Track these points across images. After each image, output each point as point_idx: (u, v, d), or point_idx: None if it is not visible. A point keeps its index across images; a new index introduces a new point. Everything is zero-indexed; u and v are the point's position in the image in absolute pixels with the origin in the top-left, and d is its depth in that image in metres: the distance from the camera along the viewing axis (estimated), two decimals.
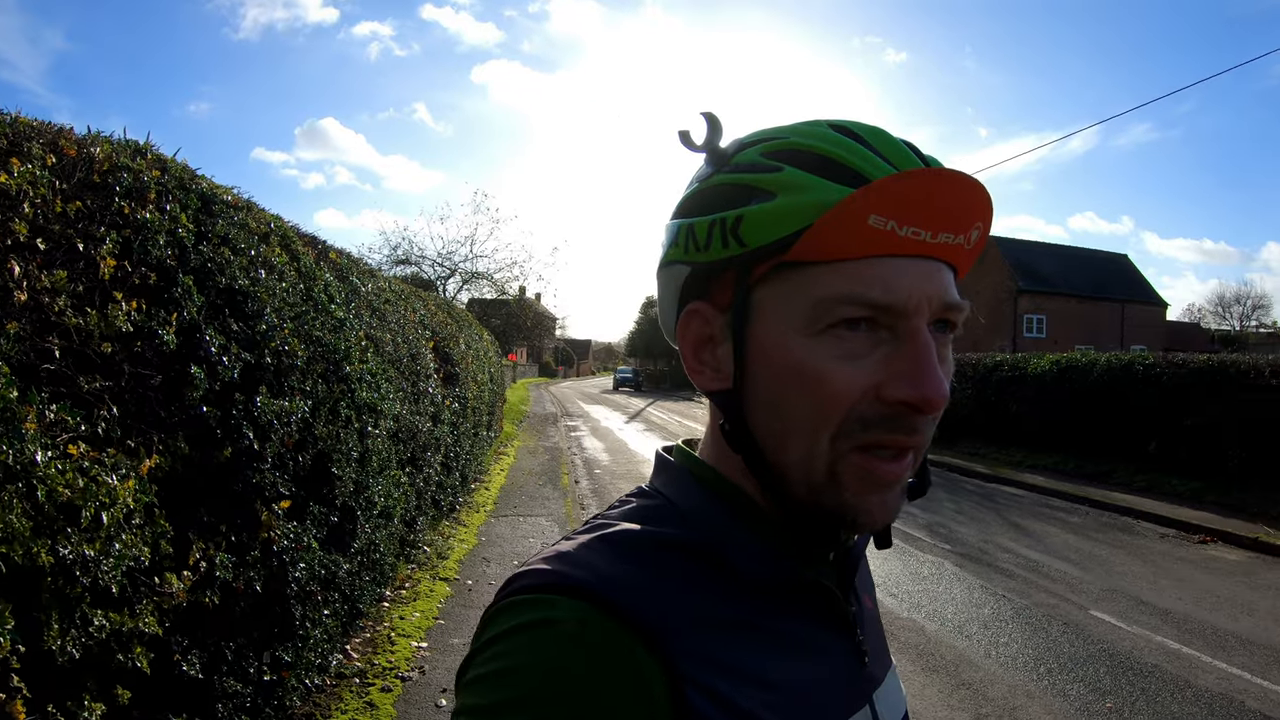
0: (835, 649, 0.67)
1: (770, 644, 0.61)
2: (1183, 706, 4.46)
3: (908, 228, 0.56)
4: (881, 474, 0.58)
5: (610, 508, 0.69)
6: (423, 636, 5.05)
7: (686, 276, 0.65)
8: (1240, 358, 11.96)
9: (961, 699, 4.53)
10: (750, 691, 0.57)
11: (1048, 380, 15.04)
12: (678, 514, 0.65)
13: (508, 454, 14.53)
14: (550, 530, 8.40)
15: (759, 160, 0.61)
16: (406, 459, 5.92)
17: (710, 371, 0.65)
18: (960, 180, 0.56)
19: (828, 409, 0.57)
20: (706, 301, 0.64)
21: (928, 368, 0.57)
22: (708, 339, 0.65)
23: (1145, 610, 6.24)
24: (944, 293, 0.59)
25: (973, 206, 0.58)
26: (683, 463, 0.70)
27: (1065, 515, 10.29)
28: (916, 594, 6.49)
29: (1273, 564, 7.93)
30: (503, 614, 0.56)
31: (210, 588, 2.69)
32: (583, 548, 0.60)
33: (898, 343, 0.57)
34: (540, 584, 0.56)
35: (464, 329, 10.61)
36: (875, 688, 0.70)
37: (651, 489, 0.71)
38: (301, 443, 3.60)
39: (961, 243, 0.59)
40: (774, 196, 0.58)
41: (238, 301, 3.11)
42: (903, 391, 0.56)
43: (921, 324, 0.58)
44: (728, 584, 0.61)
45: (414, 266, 27.07)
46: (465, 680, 0.55)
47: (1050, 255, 42.28)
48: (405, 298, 7.19)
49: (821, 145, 0.59)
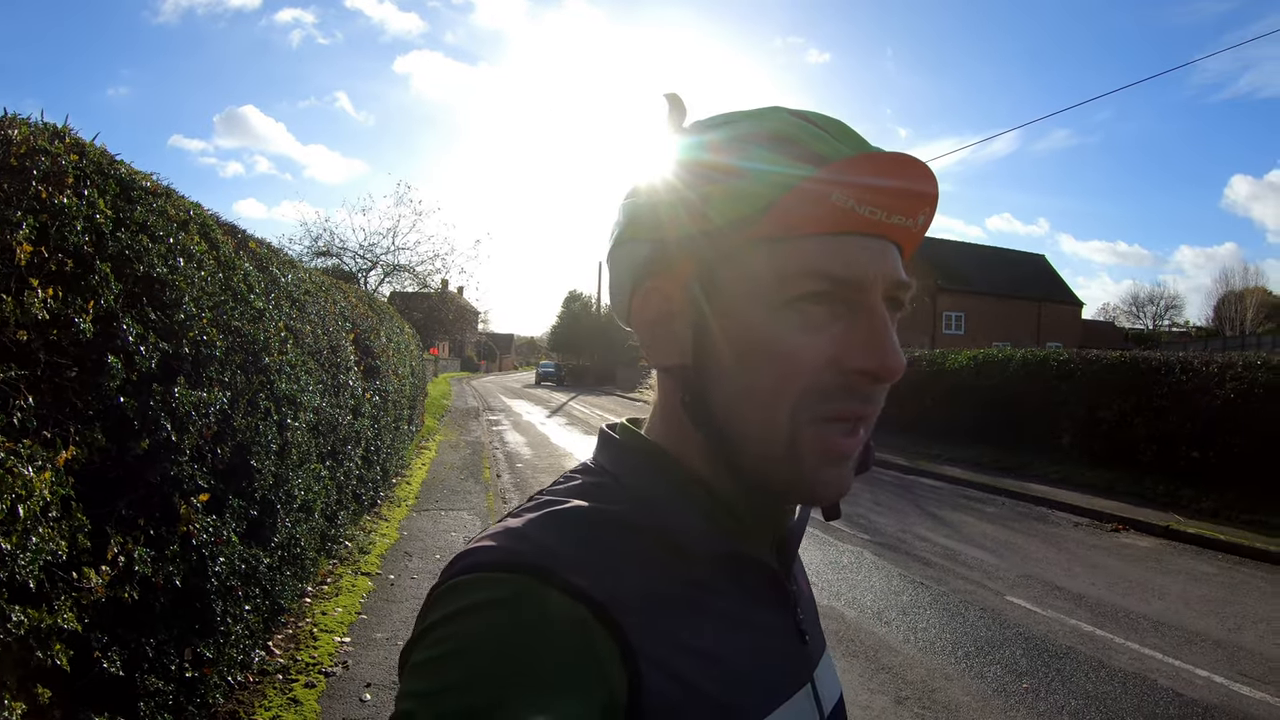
0: (778, 627, 0.68)
1: (717, 620, 0.62)
2: (1097, 686, 4.67)
3: (866, 207, 0.58)
4: (837, 448, 0.60)
5: (555, 484, 0.69)
6: (345, 631, 4.98)
7: (647, 254, 0.66)
8: (1153, 355, 12.47)
9: (881, 682, 4.68)
10: (701, 666, 0.58)
11: (965, 375, 15.49)
12: (624, 490, 0.66)
13: (429, 448, 14.34)
14: (472, 524, 8.34)
15: (725, 141, 0.62)
16: (327, 452, 5.82)
17: (667, 347, 0.66)
18: (915, 165, 0.59)
19: (790, 380, 0.59)
20: (666, 278, 0.65)
21: (885, 338, 0.59)
22: (667, 315, 0.65)
23: (1060, 595, 6.49)
24: (895, 271, 0.61)
25: (924, 191, 0.60)
26: (629, 440, 0.71)
27: (982, 506, 10.65)
28: (836, 582, 6.65)
29: (1182, 550, 8.33)
30: (449, 594, 0.55)
31: (129, 583, 2.63)
32: (530, 524, 0.60)
33: (855, 316, 0.60)
34: (487, 562, 0.56)
35: (385, 322, 10.43)
36: (814, 666, 0.72)
37: (596, 466, 0.71)
38: (220, 435, 3.52)
39: (911, 225, 0.61)
40: (741, 175, 0.60)
41: (156, 290, 3.03)
42: (862, 361, 0.59)
43: (877, 298, 0.60)
44: (674, 560, 0.61)
45: (335, 258, 26.42)
46: (411, 663, 0.53)
47: (970, 255, 43.77)
48: (326, 289, 7.05)
49: (783, 128, 0.61)
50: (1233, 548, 8.24)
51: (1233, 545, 8.26)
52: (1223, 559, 7.97)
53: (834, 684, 0.75)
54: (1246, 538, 8.44)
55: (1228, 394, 10.42)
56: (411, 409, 12.49)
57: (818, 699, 0.70)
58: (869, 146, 0.63)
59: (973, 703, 4.41)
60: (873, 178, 0.58)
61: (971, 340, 35.69)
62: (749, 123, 0.63)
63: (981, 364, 15.34)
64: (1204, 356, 11.60)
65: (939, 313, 39.23)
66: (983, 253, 45.39)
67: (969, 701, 4.42)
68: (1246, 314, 63.54)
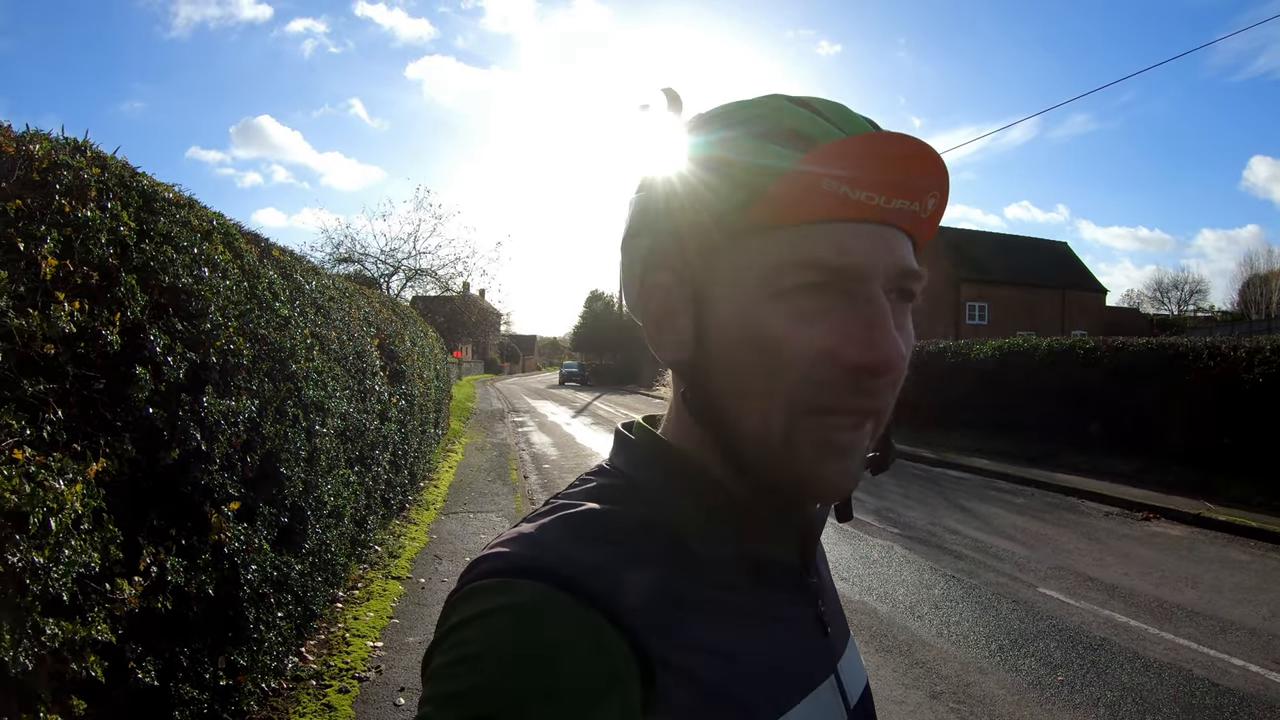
0: (799, 620, 0.68)
1: (736, 618, 0.61)
2: (1132, 677, 4.61)
3: (860, 191, 0.56)
4: (838, 442, 0.59)
5: (570, 487, 0.69)
6: (378, 636, 5.00)
7: (649, 249, 0.66)
8: (1179, 340, 12.30)
9: (916, 678, 4.63)
10: (719, 666, 0.57)
11: (990, 366, 15.31)
12: (638, 492, 0.65)
13: (455, 451, 14.40)
14: (501, 526, 8.34)
15: (716, 132, 0.62)
16: (355, 457, 5.84)
17: (671, 342, 0.65)
18: (909, 144, 0.56)
19: (783, 372, 0.58)
20: (667, 272, 0.64)
21: (881, 330, 0.57)
22: (669, 309, 0.65)
23: (1092, 586, 6.42)
24: (901, 259, 0.59)
25: (926, 173, 0.58)
26: (643, 440, 0.70)
27: (1011, 497, 10.54)
28: (867, 577, 6.60)
29: (1214, 538, 8.21)
30: (465, 600, 0.55)
31: (162, 593, 2.64)
32: (544, 529, 0.60)
33: (852, 307, 0.58)
34: (502, 568, 0.56)
35: (409, 326, 10.47)
36: (838, 658, 0.71)
37: (611, 467, 0.71)
38: (249, 443, 3.54)
39: (917, 210, 0.59)
40: (731, 165, 0.59)
41: (181, 300, 3.04)
42: (856, 355, 0.57)
43: (876, 288, 0.58)
44: (691, 561, 0.61)
45: (357, 264, 26.70)
46: (430, 669, 0.54)
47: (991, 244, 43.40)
48: (349, 295, 7.08)
49: (777, 116, 0.60)
50: (1266, 534, 8.10)
51: (1266, 532, 8.13)
52: (1256, 546, 7.85)
53: (859, 674, 0.75)
54: (1279, 524, 8.30)
55: (1256, 378, 10.23)
56: (437, 412, 12.54)
57: (842, 690, 0.70)
58: (867, 129, 0.60)
59: (1008, 696, 4.35)
60: (864, 162, 0.56)
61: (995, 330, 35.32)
62: (743, 112, 0.62)
63: (1006, 354, 15.17)
64: (1231, 341, 11.39)
65: (962, 303, 38.88)
66: (1004, 241, 44.94)
67: (1004, 695, 4.37)
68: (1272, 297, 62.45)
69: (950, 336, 27.95)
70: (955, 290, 38.57)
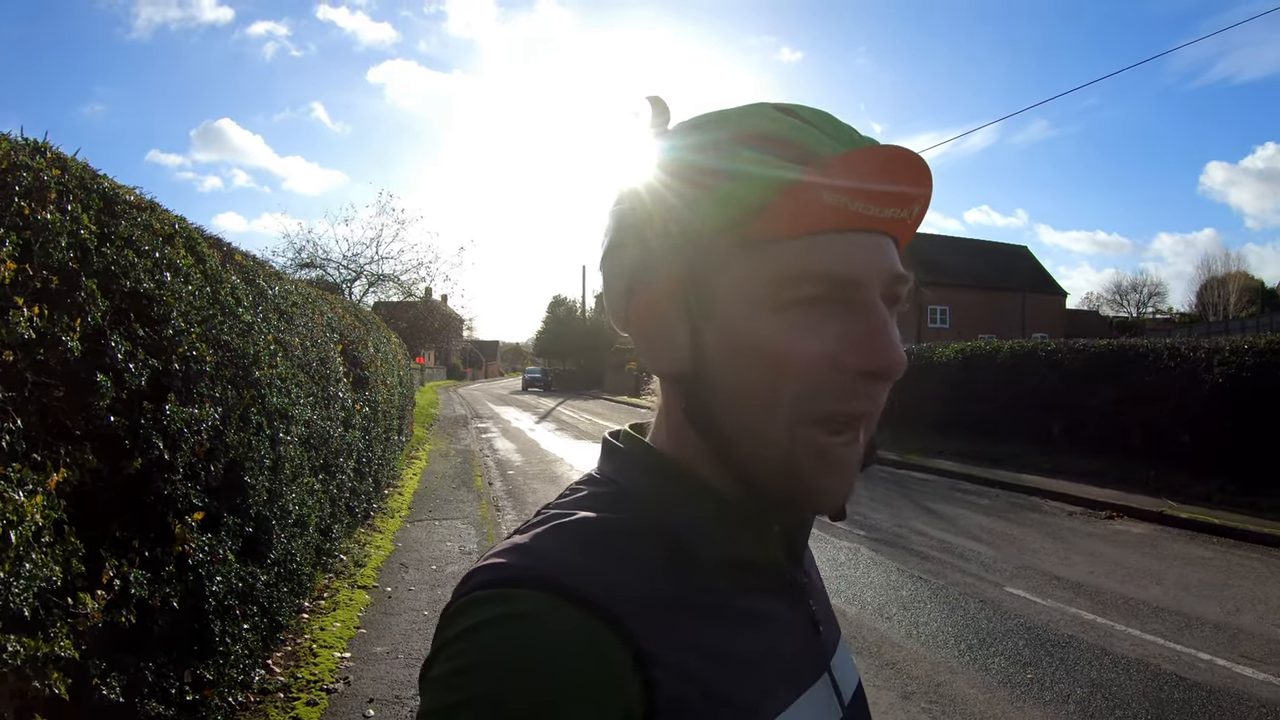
0: (791, 620, 0.68)
1: (731, 620, 0.61)
2: (1101, 673, 4.68)
3: (859, 203, 0.57)
4: (837, 456, 0.60)
5: (560, 497, 0.68)
6: (345, 647, 4.91)
7: (639, 262, 0.65)
8: (1139, 342, 12.58)
9: (887, 679, 4.66)
10: (717, 668, 0.57)
11: (953, 369, 15.52)
12: (631, 499, 0.65)
13: (419, 458, 14.25)
14: (467, 533, 8.28)
15: (711, 144, 0.61)
16: (319, 465, 5.75)
17: (666, 354, 0.64)
18: (908, 157, 0.58)
19: (791, 382, 0.58)
20: (660, 285, 0.64)
21: (885, 336, 0.58)
22: (662, 323, 0.64)
23: (1059, 584, 6.52)
24: (893, 265, 0.60)
25: (918, 183, 0.59)
26: (632, 448, 0.70)
27: (975, 498, 10.69)
28: (835, 580, 6.63)
29: (1177, 535, 8.39)
30: (462, 612, 0.55)
31: (126, 606, 2.57)
32: (538, 538, 0.59)
33: (854, 315, 0.59)
34: (499, 578, 0.55)
35: (372, 332, 10.35)
36: (831, 656, 0.72)
37: (601, 476, 0.70)
38: (213, 451, 3.46)
39: (905, 217, 0.61)
40: (731, 178, 0.59)
41: (143, 306, 2.97)
42: (862, 360, 0.58)
43: (875, 295, 0.59)
44: (685, 565, 0.61)
45: (319, 269, 26.27)
46: (428, 680, 0.53)
47: (953, 248, 44.00)
48: (312, 301, 6.98)
49: (771, 127, 0.60)
50: (1227, 531, 8.28)
51: (1227, 529, 8.31)
52: (1218, 542, 8.02)
53: (851, 672, 0.75)
54: (1240, 520, 8.50)
55: (1216, 378, 10.47)
56: (401, 419, 12.42)
57: (836, 688, 0.70)
58: (860, 140, 0.61)
59: (978, 695, 4.40)
60: (866, 174, 0.57)
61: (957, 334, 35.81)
62: (734, 122, 0.62)
63: (969, 357, 15.39)
64: (1191, 342, 11.63)
65: (923, 307, 39.35)
66: (965, 246, 45.62)
67: (974, 694, 4.41)
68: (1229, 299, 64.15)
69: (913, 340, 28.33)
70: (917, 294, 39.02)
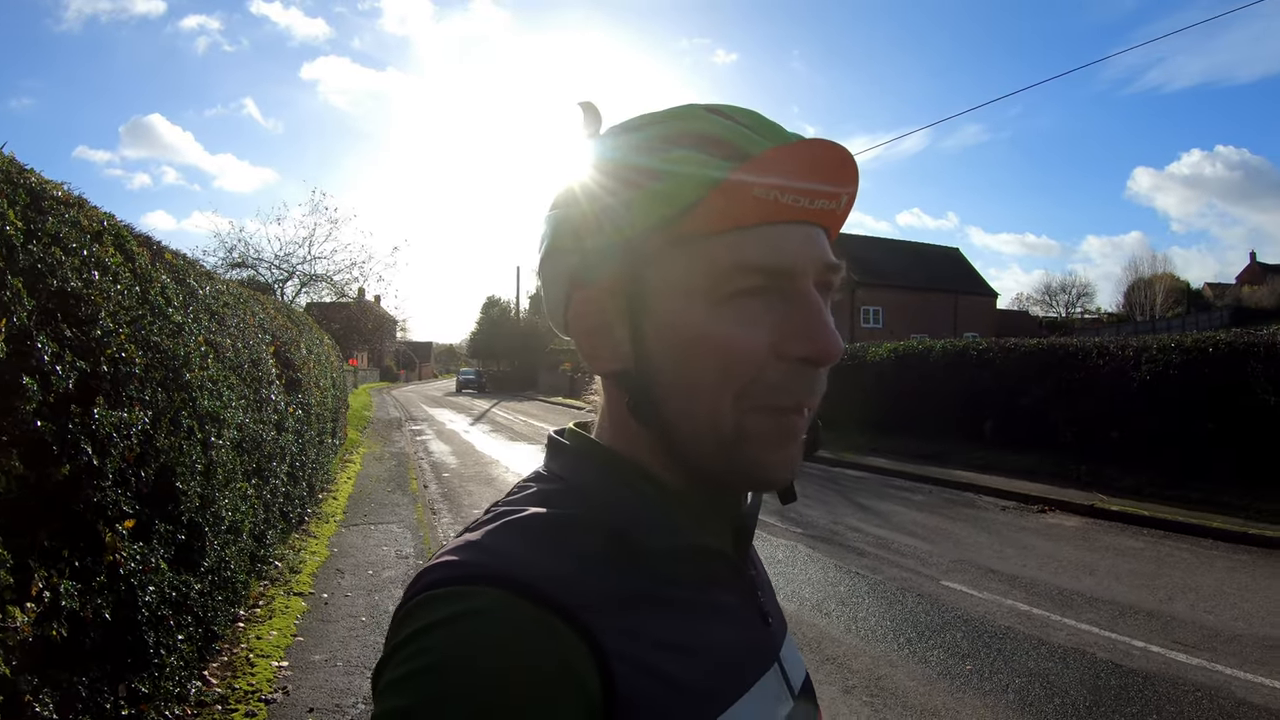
0: (740, 612, 0.69)
1: (685, 612, 0.62)
2: (1038, 662, 4.83)
3: (790, 196, 0.59)
4: (784, 428, 0.62)
5: (509, 495, 0.69)
6: (282, 655, 4.78)
7: (576, 265, 0.66)
8: (1069, 341, 13.03)
9: (828, 673, 4.73)
10: (671, 659, 0.58)
11: (887, 368, 15.86)
12: (579, 494, 0.66)
13: (354, 461, 13.94)
14: (403, 537, 8.15)
15: (643, 145, 0.62)
16: (252, 470, 5.59)
17: (607, 354, 0.66)
18: (833, 150, 0.60)
19: (734, 373, 0.60)
20: (598, 286, 0.65)
21: (821, 323, 0.61)
22: (602, 323, 0.65)
23: (994, 578, 6.70)
24: (825, 254, 0.63)
25: (845, 174, 0.62)
26: (578, 445, 0.71)
27: (910, 494, 10.94)
28: (774, 577, 6.65)
29: (1108, 528, 8.71)
30: (417, 611, 0.54)
31: (57, 619, 2.46)
32: (489, 535, 0.60)
33: (789, 304, 0.61)
34: (451, 576, 0.55)
35: (305, 333, 10.10)
36: (779, 647, 0.73)
37: (549, 472, 0.71)
38: (143, 456, 3.34)
39: (834, 207, 0.63)
40: (662, 178, 0.60)
41: (71, 305, 2.85)
42: (800, 348, 0.60)
43: (809, 284, 0.62)
44: (636, 559, 0.61)
45: (251, 269, 25.49)
46: (384, 683, 0.52)
47: (886, 249, 44.84)
48: (244, 301, 6.78)
49: (701, 126, 0.62)
50: (1157, 522, 8.64)
51: (1157, 520, 8.67)
52: (1148, 534, 8.35)
53: (799, 664, 0.76)
54: (1169, 512, 8.87)
55: (1143, 376, 10.93)
56: (334, 422, 12.16)
57: (786, 678, 0.71)
58: (787, 136, 0.63)
59: (919, 687, 4.51)
60: (793, 168, 0.59)
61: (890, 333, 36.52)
62: (665, 123, 0.63)
63: (902, 356, 15.74)
64: (1120, 341, 12.11)
65: (857, 307, 40.07)
66: (898, 247, 46.53)
67: (915, 686, 4.52)
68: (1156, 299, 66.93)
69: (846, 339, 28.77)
70: (850, 294, 39.70)
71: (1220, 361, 10.09)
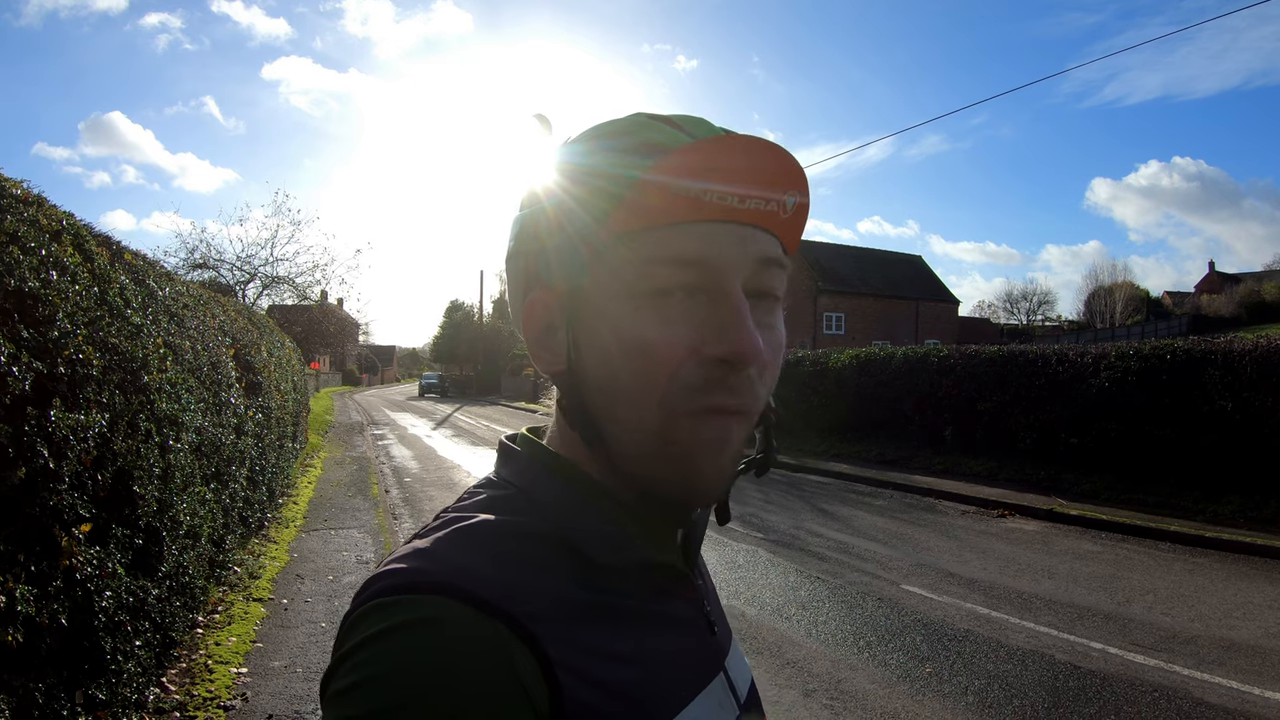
0: (687, 621, 0.69)
1: (630, 622, 0.62)
2: (997, 665, 4.88)
3: (713, 194, 0.58)
4: (714, 436, 0.61)
5: (460, 501, 0.68)
6: (241, 662, 4.72)
7: (527, 266, 0.68)
8: (1029, 348, 13.15)
9: (788, 677, 4.76)
10: (618, 669, 0.58)
11: (848, 374, 15.95)
12: (529, 502, 0.66)
13: (314, 466, 13.77)
14: (364, 542, 8.07)
15: (579, 152, 0.64)
16: (211, 474, 5.52)
17: (549, 355, 0.67)
18: (757, 145, 0.58)
19: (653, 375, 0.59)
20: (545, 289, 0.66)
21: (738, 322, 0.59)
22: (549, 324, 0.66)
23: (954, 581, 6.78)
24: (759, 252, 0.61)
25: (779, 172, 0.60)
26: (529, 451, 0.71)
27: (870, 499, 11.02)
28: (734, 582, 6.73)
29: (1067, 531, 8.85)
30: (363, 620, 0.54)
31: (12, 624, 2.43)
32: (438, 542, 0.59)
33: (712, 305, 0.60)
34: (399, 584, 0.55)
35: (266, 336, 9.98)
36: (725, 656, 0.73)
37: (500, 479, 0.71)
38: (100, 460, 3.30)
39: (775, 210, 0.61)
40: (590, 181, 0.61)
41: (28, 305, 2.81)
42: (716, 347, 0.59)
43: (734, 284, 0.60)
44: (584, 568, 0.61)
45: (212, 271, 25.11)
46: (331, 693, 0.52)
47: (848, 256, 45.29)
48: (204, 303, 6.69)
49: (638, 130, 0.63)
50: (1114, 526, 8.81)
51: (1114, 524, 8.84)
52: (1106, 538, 8.50)
53: (745, 671, 0.77)
54: (1126, 516, 9.04)
55: (1102, 382, 11.12)
56: (295, 426, 12.00)
57: (732, 686, 0.72)
58: (714, 131, 0.64)
59: (879, 690, 4.56)
60: (714, 163, 0.58)
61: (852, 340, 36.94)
62: (608, 129, 0.65)
63: (864, 362, 15.84)
64: (1079, 348, 12.25)
65: (819, 314, 40.44)
66: (860, 254, 47.03)
67: (875, 689, 4.57)
68: (1116, 307, 68.32)
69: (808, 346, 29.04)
70: (813, 301, 40.06)
71: (1178, 368, 10.27)
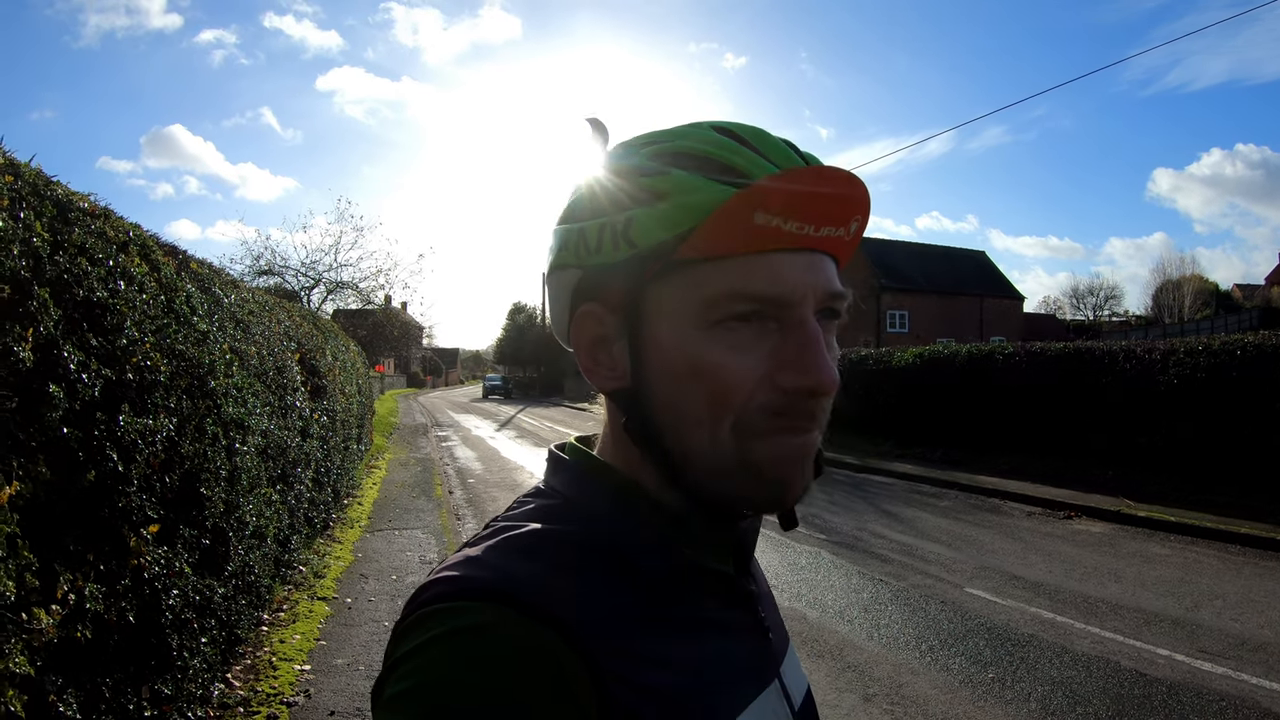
0: (741, 629, 0.69)
1: (682, 630, 0.62)
2: (1061, 671, 4.76)
3: (792, 223, 0.58)
4: (790, 451, 0.61)
5: (509, 510, 0.69)
6: (305, 659, 4.85)
7: (578, 280, 0.66)
8: (1095, 345, 12.83)
9: (849, 681, 4.70)
10: (669, 677, 0.58)
11: (912, 372, 15.71)
12: (579, 511, 0.66)
13: (379, 467, 14.09)
14: (427, 542, 8.21)
15: (645, 164, 0.62)
16: (277, 476, 5.67)
17: (606, 371, 0.66)
18: (840, 176, 0.59)
19: (725, 399, 0.59)
20: (599, 303, 0.65)
21: (816, 354, 0.59)
22: (602, 339, 0.66)
23: (1018, 584, 6.62)
24: (828, 283, 0.61)
25: (851, 200, 0.60)
26: (579, 460, 0.71)
27: (935, 500, 10.83)
28: (796, 584, 6.68)
29: (1134, 534, 8.57)
30: (416, 627, 0.55)
31: (81, 621, 2.52)
32: (489, 551, 0.60)
33: (785, 333, 0.60)
34: (451, 591, 0.55)
35: (330, 340, 10.23)
36: (780, 662, 0.73)
37: (549, 488, 0.71)
38: (168, 463, 3.41)
39: (842, 235, 0.61)
40: (662, 198, 0.60)
41: (97, 315, 2.92)
42: (792, 379, 0.59)
43: (808, 313, 0.60)
44: (635, 577, 0.62)
45: (277, 277, 26.03)
46: (384, 699, 0.53)
47: (911, 253, 44.51)
48: (269, 309, 6.88)
49: (705, 147, 0.61)
50: (1183, 528, 8.47)
51: (1183, 526, 8.50)
52: (1175, 540, 8.20)
53: (800, 678, 0.76)
54: (1196, 518, 8.69)
55: (1171, 380, 10.74)
56: (360, 428, 12.27)
57: (786, 693, 0.71)
58: (795, 159, 0.63)
59: (940, 695, 4.46)
60: (797, 194, 0.58)
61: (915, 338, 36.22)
62: (670, 142, 0.63)
63: (928, 360, 15.58)
64: (1146, 344, 11.91)
65: (883, 312, 39.82)
66: (923, 251, 46.16)
67: (936, 694, 4.47)
68: (1184, 301, 65.74)
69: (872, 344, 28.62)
70: (876, 299, 39.46)
71: (1249, 364, 9.91)
